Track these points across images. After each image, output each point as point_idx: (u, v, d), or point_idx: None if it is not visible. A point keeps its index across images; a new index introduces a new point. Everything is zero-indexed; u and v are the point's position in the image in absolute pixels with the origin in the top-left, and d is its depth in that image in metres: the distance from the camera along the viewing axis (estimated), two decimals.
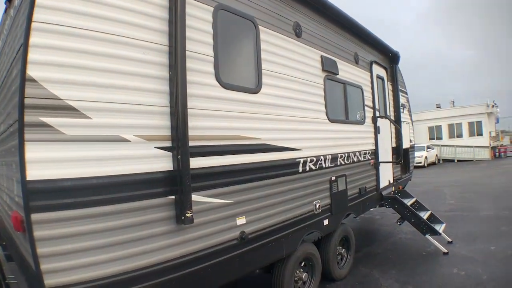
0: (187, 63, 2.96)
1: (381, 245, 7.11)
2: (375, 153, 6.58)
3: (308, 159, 4.53)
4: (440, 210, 10.15)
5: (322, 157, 4.82)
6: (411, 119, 9.48)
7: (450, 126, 32.33)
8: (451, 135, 32.14)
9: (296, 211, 4.30)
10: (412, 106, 10.08)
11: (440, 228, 6.67)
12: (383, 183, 6.99)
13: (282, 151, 4.10)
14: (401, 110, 8.15)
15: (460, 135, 31.68)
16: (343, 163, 5.35)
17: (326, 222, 4.91)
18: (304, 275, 4.64)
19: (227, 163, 3.40)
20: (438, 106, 35.79)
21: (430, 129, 33.47)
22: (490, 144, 30.24)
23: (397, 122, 7.84)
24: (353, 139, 5.74)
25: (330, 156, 5.01)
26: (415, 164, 25.56)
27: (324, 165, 4.87)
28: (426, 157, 26.94)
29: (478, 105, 31.49)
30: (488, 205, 10.44)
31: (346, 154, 5.44)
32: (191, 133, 2.99)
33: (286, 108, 4.20)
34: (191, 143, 2.97)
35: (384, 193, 6.88)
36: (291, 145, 4.24)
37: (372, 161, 6.42)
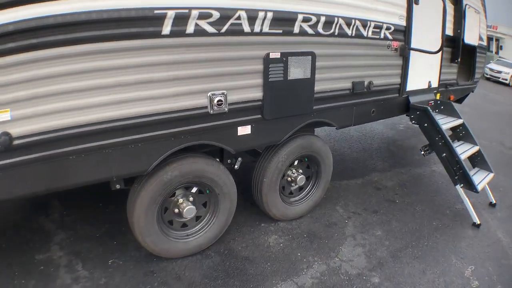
0: None
1: (399, 176, 4.81)
2: (404, 32, 3.87)
3: (195, 12, 2.26)
4: (505, 143, 7.20)
5: (242, 13, 2.48)
6: (484, 9, 5.97)
7: None
8: None
9: (145, 106, 2.28)
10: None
11: (482, 179, 4.10)
12: (416, 83, 4.35)
13: None
14: None
15: None
16: (310, 32, 2.91)
17: (244, 130, 2.80)
18: (186, 208, 2.79)
19: None
20: None
21: None
22: None
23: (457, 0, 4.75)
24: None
25: (269, 13, 2.61)
26: (500, 80, 21.19)
27: (248, 28, 2.54)
28: None
29: None
30: None
31: (321, 18, 2.95)
32: None
33: None
34: None
35: (413, 99, 4.32)
36: None
37: (395, 43, 3.78)
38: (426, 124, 4.16)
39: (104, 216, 3.46)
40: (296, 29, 2.81)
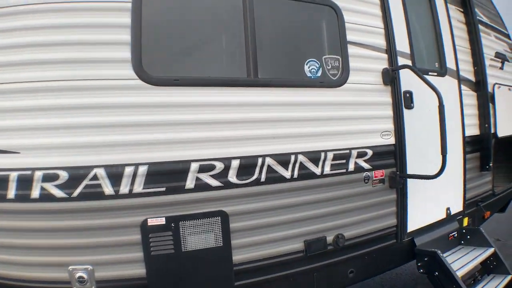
0: None
1: None
2: (394, 153, 2.90)
3: (40, 173, 1.89)
4: None
5: (99, 171, 1.96)
6: None
7: None
8: None
9: None
10: None
11: None
12: (427, 215, 3.23)
13: None
14: (498, 63, 3.95)
15: None
16: (215, 184, 2.20)
17: None
18: None
19: None
20: None
21: None
22: None
23: (479, 84, 3.75)
24: (276, 123, 2.40)
25: (141, 167, 2.04)
26: None
27: (110, 189, 1.99)
28: None
29: None
30: None
31: (232, 162, 2.25)
32: None
33: None
34: None
35: (420, 240, 3.15)
36: None
37: (379, 172, 2.86)
38: (436, 273, 3.02)
39: None
40: (190, 183, 2.16)
